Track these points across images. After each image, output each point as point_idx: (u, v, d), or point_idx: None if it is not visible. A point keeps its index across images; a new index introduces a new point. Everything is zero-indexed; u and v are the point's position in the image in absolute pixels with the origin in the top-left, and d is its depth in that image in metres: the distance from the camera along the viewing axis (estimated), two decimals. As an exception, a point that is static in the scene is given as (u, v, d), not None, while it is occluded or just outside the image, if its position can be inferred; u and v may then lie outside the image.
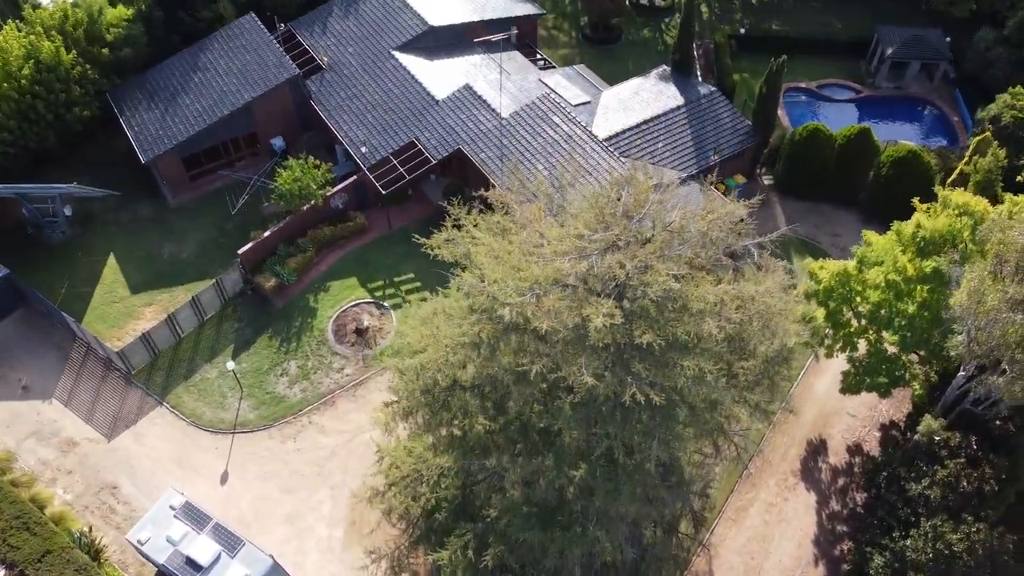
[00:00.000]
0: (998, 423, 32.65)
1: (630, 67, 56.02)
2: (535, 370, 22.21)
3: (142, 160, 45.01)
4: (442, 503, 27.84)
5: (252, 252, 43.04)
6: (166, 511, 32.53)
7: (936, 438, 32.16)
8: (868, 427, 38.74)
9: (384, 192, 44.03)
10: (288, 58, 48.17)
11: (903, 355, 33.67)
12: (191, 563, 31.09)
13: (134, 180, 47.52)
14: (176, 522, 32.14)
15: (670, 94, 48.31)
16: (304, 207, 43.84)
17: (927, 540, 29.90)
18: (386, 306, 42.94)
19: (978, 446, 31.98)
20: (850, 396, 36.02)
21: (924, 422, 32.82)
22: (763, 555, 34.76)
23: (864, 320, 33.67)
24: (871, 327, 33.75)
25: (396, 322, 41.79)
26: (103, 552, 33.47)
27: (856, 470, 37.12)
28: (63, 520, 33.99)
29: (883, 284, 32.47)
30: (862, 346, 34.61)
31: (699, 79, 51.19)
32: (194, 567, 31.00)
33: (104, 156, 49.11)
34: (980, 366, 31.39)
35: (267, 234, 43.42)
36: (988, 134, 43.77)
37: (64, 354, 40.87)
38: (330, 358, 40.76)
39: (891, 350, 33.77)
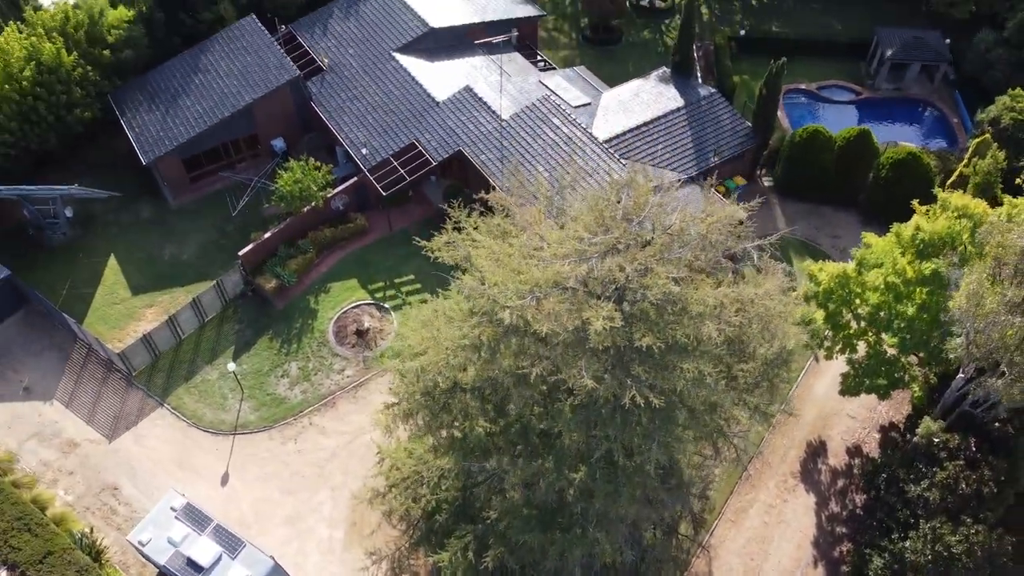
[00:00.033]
0: (997, 425, 32.72)
1: (630, 69, 56.05)
2: (535, 373, 22.33)
3: (143, 161, 45.09)
4: (442, 505, 27.94)
5: (253, 253, 43.12)
6: (167, 512, 32.60)
7: (935, 440, 32.24)
8: (867, 429, 38.79)
9: (385, 194, 44.11)
10: (289, 60, 48.22)
11: (902, 357, 33.69)
12: (192, 564, 31.16)
13: (135, 181, 47.60)
14: (177, 523, 32.20)
15: (670, 96, 48.36)
16: (305, 209, 43.91)
17: (926, 542, 29.97)
18: (386, 307, 43.01)
19: (977, 448, 32.04)
20: (849, 398, 36.04)
21: (923, 424, 32.89)
22: (762, 556, 34.83)
23: (863, 322, 33.70)
24: (870, 329, 33.81)
25: (396, 323, 41.87)
26: (104, 553, 33.57)
27: (855, 472, 37.17)
28: (64, 521, 34.07)
29: (882, 286, 32.50)
30: (861, 348, 34.63)
31: (699, 81, 51.21)
32: (195, 568, 31.08)
33: (105, 157, 49.15)
34: (979, 368, 31.44)
35: (268, 235, 43.50)
36: (987, 136, 43.83)
37: (65, 355, 40.96)
38: (331, 359, 40.84)
39: (890, 352, 33.79)
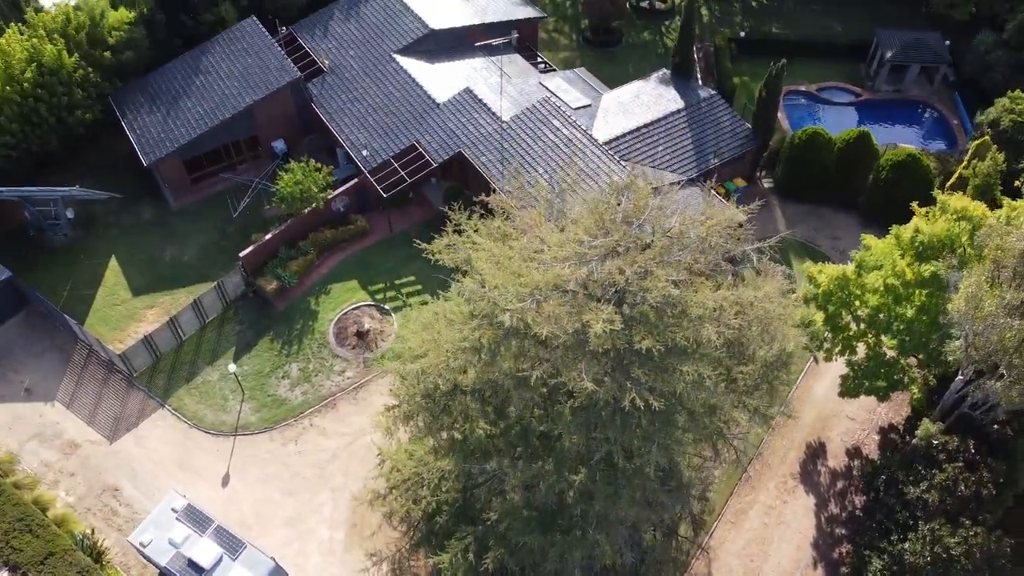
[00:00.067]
0: (996, 427, 32.79)
1: (630, 70, 56.13)
2: (535, 375, 22.38)
3: (144, 163, 45.17)
4: (443, 506, 28.01)
5: (253, 255, 43.19)
6: (168, 513, 32.68)
7: (934, 442, 32.29)
8: (867, 430, 38.86)
9: (385, 195, 44.19)
10: (289, 61, 48.29)
11: (902, 359, 33.76)
12: (193, 565, 31.25)
13: (136, 183, 47.69)
14: (178, 524, 32.28)
15: (670, 97, 48.44)
16: (305, 210, 43.98)
17: (925, 544, 30.04)
18: (387, 309, 43.09)
19: (976, 450, 32.12)
20: (849, 399, 36.10)
21: (922, 426, 32.94)
22: (762, 558, 34.90)
23: (863, 324, 33.75)
24: (870, 331, 33.88)
25: (397, 325, 41.94)
26: (105, 554, 33.65)
27: (855, 473, 37.22)
28: (65, 522, 34.13)
29: (882, 288, 32.57)
30: (861, 350, 34.70)
31: (699, 82, 51.26)
32: (196, 569, 31.16)
33: (106, 159, 49.22)
34: (978, 371, 31.47)
35: (268, 237, 43.58)
36: (987, 138, 43.93)
37: (66, 356, 41.04)
38: (331, 361, 40.91)
39: (890, 354, 33.86)
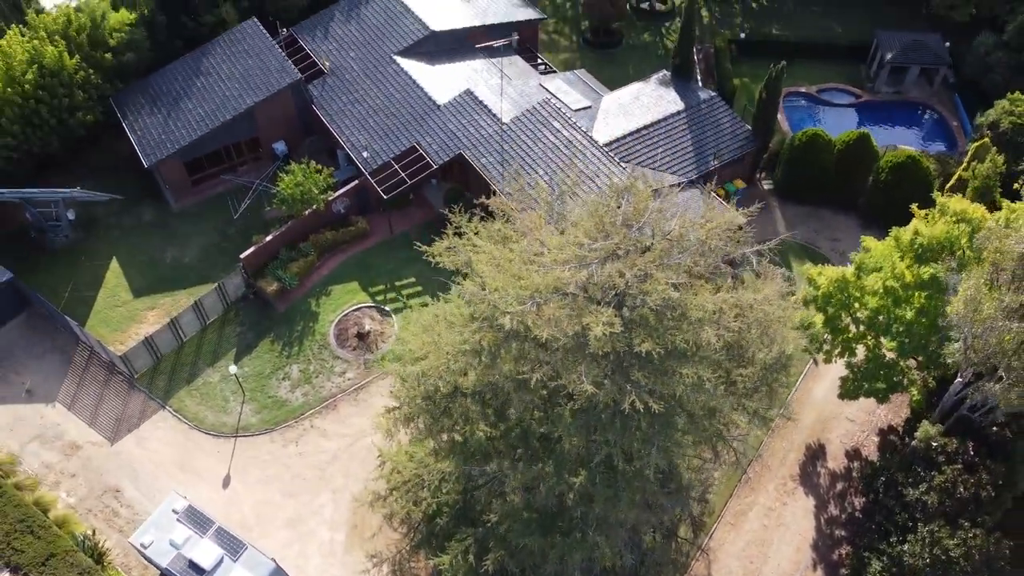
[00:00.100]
0: (995, 429, 32.84)
1: (630, 72, 56.24)
2: (535, 378, 22.41)
3: (145, 164, 45.26)
4: (443, 508, 28.03)
5: (254, 256, 43.27)
6: (169, 515, 32.71)
7: (934, 444, 32.35)
8: (866, 432, 38.92)
9: (386, 197, 44.25)
10: (290, 63, 48.37)
11: (901, 361, 33.83)
12: (194, 567, 31.30)
13: (137, 184, 47.78)
14: (179, 526, 32.32)
15: (670, 99, 48.51)
16: (306, 212, 44.06)
17: (924, 545, 30.10)
18: (387, 310, 43.16)
19: (975, 452, 32.17)
20: (848, 401, 36.19)
21: (922, 428, 33.01)
22: (762, 559, 34.97)
23: (862, 326, 33.83)
24: (869, 333, 33.95)
25: (397, 326, 42.01)
26: (106, 555, 33.73)
27: (854, 475, 37.29)
28: (67, 523, 34.20)
29: (881, 290, 32.64)
30: (860, 352, 34.76)
31: (699, 84, 51.35)
32: (197, 571, 31.20)
33: (107, 160, 49.31)
34: (977, 373, 31.53)
35: (269, 238, 43.67)
36: (987, 140, 43.95)
37: (67, 358, 41.12)
38: (332, 362, 40.98)
39: (889, 356, 33.93)
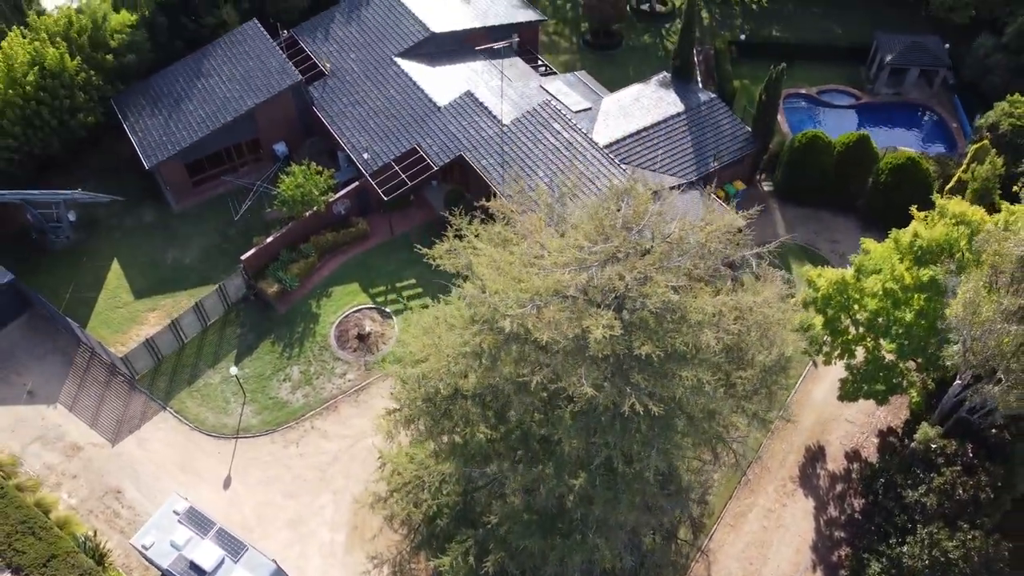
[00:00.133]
0: (994, 431, 32.93)
1: (631, 73, 56.31)
2: (536, 380, 22.48)
3: (146, 166, 45.32)
4: (443, 509, 28.10)
5: (255, 258, 43.35)
6: (170, 516, 32.80)
7: (933, 445, 32.42)
8: (866, 434, 38.99)
9: (386, 198, 44.32)
10: (291, 64, 48.42)
11: (900, 363, 33.89)
12: (195, 568, 31.38)
13: (138, 186, 47.84)
14: (180, 527, 32.40)
15: (670, 100, 48.58)
16: (306, 213, 44.13)
17: (923, 547, 30.18)
18: (388, 312, 43.23)
19: (974, 454, 32.24)
20: (848, 403, 36.27)
21: (921, 429, 33.07)
22: (761, 561, 35.04)
23: (862, 328, 33.90)
24: (869, 335, 34.00)
25: (398, 328, 42.08)
26: (107, 556, 33.79)
27: (854, 476, 37.37)
28: (68, 524, 34.29)
29: (881, 292, 32.71)
30: (860, 353, 34.82)
31: (699, 85, 51.40)
32: (198, 572, 31.29)
33: (108, 162, 49.36)
34: (976, 375, 31.62)
35: (270, 240, 43.74)
36: (986, 142, 43.97)
37: (68, 359, 41.20)
38: (332, 363, 41.05)
39: (889, 358, 33.99)
